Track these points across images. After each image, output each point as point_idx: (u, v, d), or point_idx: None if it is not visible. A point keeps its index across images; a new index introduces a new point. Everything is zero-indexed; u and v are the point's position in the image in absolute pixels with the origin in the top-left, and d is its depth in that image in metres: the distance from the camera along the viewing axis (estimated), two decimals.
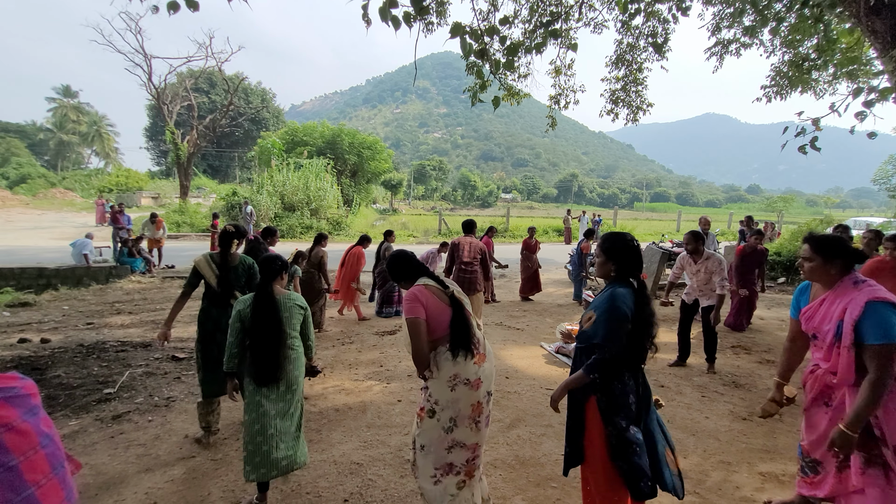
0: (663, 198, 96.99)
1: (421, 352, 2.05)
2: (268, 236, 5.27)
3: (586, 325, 2.06)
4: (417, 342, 2.05)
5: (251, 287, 3.17)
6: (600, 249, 2.10)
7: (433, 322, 2.10)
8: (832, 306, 1.99)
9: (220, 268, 3.17)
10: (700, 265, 4.55)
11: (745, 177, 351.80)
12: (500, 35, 4.12)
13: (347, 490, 2.67)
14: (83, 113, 48.30)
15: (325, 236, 6.29)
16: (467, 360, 2.07)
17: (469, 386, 2.07)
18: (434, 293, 2.15)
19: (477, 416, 2.11)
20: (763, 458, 3.09)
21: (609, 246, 2.06)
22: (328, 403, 3.90)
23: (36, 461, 0.73)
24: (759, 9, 6.36)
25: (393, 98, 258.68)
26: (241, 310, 2.51)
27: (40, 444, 0.75)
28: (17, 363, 4.50)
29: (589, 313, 2.07)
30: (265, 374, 2.41)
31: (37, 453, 0.74)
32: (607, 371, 1.93)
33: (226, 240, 3.21)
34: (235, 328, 2.49)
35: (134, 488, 2.67)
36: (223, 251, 3.21)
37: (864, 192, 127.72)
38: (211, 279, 3.15)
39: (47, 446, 0.76)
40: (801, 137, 4.48)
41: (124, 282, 8.82)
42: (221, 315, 3.10)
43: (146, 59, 21.27)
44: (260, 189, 19.78)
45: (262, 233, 5.34)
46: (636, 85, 8.00)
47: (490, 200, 68.03)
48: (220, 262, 3.19)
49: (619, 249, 2.03)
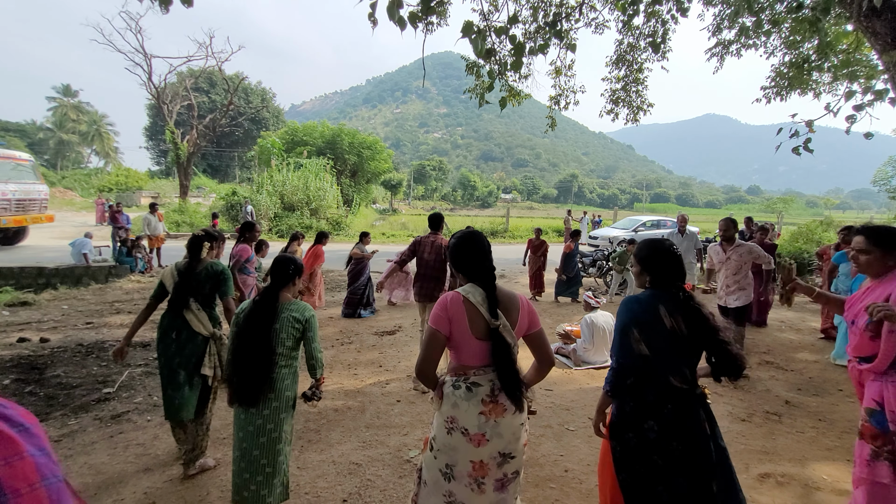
0: (663, 198, 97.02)
1: (424, 367, 1.73)
2: (246, 231, 4.89)
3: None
4: (425, 353, 1.73)
5: (219, 294, 2.87)
6: (635, 258, 1.93)
7: (460, 344, 1.72)
8: (872, 295, 2.03)
9: (180, 273, 2.84)
10: (730, 252, 4.53)
11: (746, 178, 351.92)
12: (508, 35, 4.09)
13: (346, 490, 2.67)
14: (83, 112, 48.29)
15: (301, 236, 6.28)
16: (470, 404, 1.66)
17: (467, 438, 1.66)
18: (471, 312, 1.70)
19: (480, 476, 1.67)
20: (762, 460, 3.09)
21: (645, 255, 1.87)
22: (327, 403, 3.90)
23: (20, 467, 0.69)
24: (755, 11, 6.36)
25: (393, 98, 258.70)
26: (239, 314, 2.28)
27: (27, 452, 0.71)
28: (16, 362, 4.50)
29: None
30: (243, 394, 2.10)
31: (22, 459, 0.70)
32: (616, 383, 1.80)
33: (193, 245, 2.90)
34: (233, 333, 2.24)
35: (133, 488, 2.67)
36: (190, 256, 2.89)
37: (865, 194, 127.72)
38: (169, 285, 2.83)
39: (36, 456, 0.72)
40: (796, 139, 4.49)
41: (123, 281, 8.82)
42: (171, 324, 2.77)
43: (146, 58, 21.29)
44: (260, 189, 19.77)
45: (240, 228, 4.97)
46: (636, 85, 7.99)
47: (490, 201, 68.03)
48: (183, 268, 2.86)
49: (654, 258, 1.84)
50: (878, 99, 4.40)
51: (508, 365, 1.68)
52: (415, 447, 3.16)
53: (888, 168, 24.81)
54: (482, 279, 1.77)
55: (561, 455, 3.08)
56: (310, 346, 2.29)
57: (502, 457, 1.68)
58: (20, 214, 12.76)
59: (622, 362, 1.77)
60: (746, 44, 7.50)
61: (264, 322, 2.15)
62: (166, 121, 22.83)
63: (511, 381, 1.68)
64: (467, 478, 1.68)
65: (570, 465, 2.97)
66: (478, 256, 1.80)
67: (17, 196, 12.71)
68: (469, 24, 3.52)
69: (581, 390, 4.25)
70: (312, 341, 2.27)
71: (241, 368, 2.11)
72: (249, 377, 2.10)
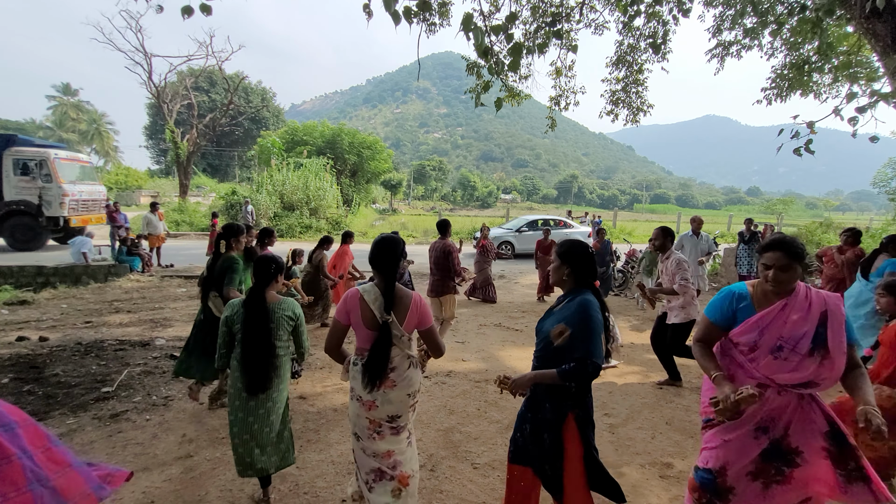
0: (663, 199, 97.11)
1: (329, 348, 2.18)
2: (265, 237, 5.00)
3: (559, 340, 1.89)
4: (329, 337, 2.16)
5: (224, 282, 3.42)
6: (556, 254, 2.05)
7: (357, 331, 2.13)
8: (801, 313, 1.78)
9: (207, 267, 3.60)
10: (663, 264, 4.20)
11: (745, 179, 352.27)
12: (506, 33, 4.07)
13: (346, 490, 2.67)
14: (83, 111, 48.22)
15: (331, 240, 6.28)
16: (364, 380, 2.05)
17: (360, 403, 2.09)
18: (364, 308, 2.07)
19: (376, 428, 2.10)
20: None
21: (565, 250, 2.02)
22: (326, 403, 3.90)
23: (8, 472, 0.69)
24: (760, 11, 6.37)
25: (393, 98, 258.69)
26: (228, 315, 2.46)
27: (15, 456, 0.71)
28: (15, 361, 4.49)
29: (560, 327, 1.91)
30: (254, 384, 2.39)
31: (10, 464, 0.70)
32: (587, 382, 1.87)
33: (217, 240, 3.62)
34: (222, 332, 2.46)
35: (132, 487, 2.66)
36: (214, 251, 3.61)
37: (864, 195, 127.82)
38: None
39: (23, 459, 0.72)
40: (797, 140, 4.49)
41: (123, 280, 8.81)
42: (201, 310, 3.63)
43: (146, 57, 21.28)
44: (259, 188, 19.76)
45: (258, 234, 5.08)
46: (636, 86, 8.00)
47: (490, 201, 68.05)
48: (209, 262, 3.59)
49: (576, 255, 1.99)
50: (885, 100, 4.40)
51: (379, 352, 2.03)
52: None
53: (888, 170, 24.84)
54: (383, 279, 2.11)
55: None
56: (300, 338, 2.60)
57: (391, 419, 2.11)
58: (86, 214, 13.34)
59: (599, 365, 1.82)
60: (747, 45, 7.50)
61: (262, 322, 2.41)
62: (166, 120, 22.82)
63: (373, 364, 2.03)
64: (367, 430, 2.10)
65: None
66: (382, 260, 2.11)
67: (83, 197, 13.29)
68: (468, 17, 3.51)
69: None
70: (302, 334, 2.60)
71: (252, 363, 2.38)
72: (260, 370, 2.39)
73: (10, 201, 12.29)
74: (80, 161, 14.25)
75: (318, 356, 5.02)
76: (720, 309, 1.94)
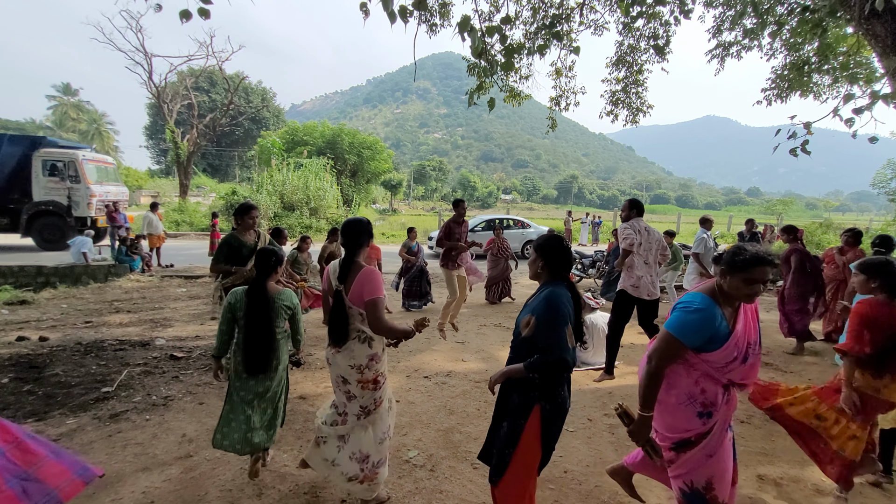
0: (663, 200, 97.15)
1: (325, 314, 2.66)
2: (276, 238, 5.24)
3: (526, 330, 1.92)
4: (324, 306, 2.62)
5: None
6: (532, 248, 2.10)
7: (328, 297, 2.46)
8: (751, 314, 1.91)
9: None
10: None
11: (745, 179, 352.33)
12: (501, 34, 4.08)
13: (345, 490, 2.66)
14: (83, 111, 48.21)
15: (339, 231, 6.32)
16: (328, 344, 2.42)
17: (327, 361, 2.47)
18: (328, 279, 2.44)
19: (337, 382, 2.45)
20: (761, 461, 3.09)
21: (540, 244, 2.08)
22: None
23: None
24: (760, 12, 6.37)
25: (393, 98, 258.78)
26: (231, 302, 2.65)
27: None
28: (14, 361, 4.49)
29: (527, 317, 1.93)
30: (255, 365, 2.61)
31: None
32: (551, 374, 1.86)
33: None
34: (226, 318, 2.65)
35: (131, 487, 2.66)
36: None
37: (864, 196, 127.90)
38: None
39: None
40: (794, 140, 4.49)
41: (123, 280, 8.81)
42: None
43: (146, 57, 21.29)
44: (260, 188, 19.77)
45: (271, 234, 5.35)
46: (636, 86, 8.01)
47: (490, 201, 68.11)
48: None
49: (551, 248, 2.02)
50: (885, 101, 4.40)
51: (334, 316, 2.33)
52: (414, 447, 3.16)
53: (887, 171, 24.83)
54: (346, 254, 2.39)
55: (560, 456, 3.07)
56: (297, 326, 2.82)
57: (342, 379, 2.40)
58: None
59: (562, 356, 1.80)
60: (747, 45, 7.51)
61: (264, 311, 2.63)
62: (166, 120, 22.83)
63: (331, 326, 2.36)
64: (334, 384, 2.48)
65: (569, 466, 2.98)
66: (346, 237, 2.40)
67: (108, 198, 13.33)
68: (466, 19, 3.50)
69: (580, 391, 4.26)
70: (298, 322, 2.83)
71: (255, 348, 2.60)
72: (262, 353, 2.61)
73: (39, 202, 12.43)
74: (105, 162, 14.42)
75: (318, 356, 5.02)
76: (699, 333, 1.78)
